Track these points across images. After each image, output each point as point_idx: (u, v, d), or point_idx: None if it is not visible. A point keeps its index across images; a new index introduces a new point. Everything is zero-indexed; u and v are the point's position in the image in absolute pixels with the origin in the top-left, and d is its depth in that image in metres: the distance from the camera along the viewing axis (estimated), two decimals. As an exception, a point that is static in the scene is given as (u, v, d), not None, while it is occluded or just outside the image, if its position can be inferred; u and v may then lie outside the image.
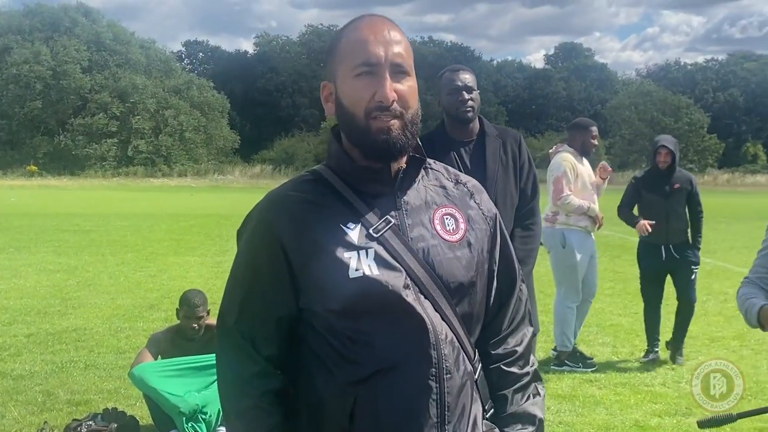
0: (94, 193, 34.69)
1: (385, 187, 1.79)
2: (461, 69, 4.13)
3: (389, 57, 1.72)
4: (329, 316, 1.70)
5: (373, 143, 1.72)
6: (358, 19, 1.81)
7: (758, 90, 73.99)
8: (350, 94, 1.73)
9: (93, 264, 12.71)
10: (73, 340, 7.59)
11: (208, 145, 55.16)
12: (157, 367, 4.76)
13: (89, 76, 51.61)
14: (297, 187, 1.82)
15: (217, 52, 79.56)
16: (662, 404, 5.78)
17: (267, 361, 1.77)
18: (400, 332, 1.68)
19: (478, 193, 1.94)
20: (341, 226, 1.73)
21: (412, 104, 1.75)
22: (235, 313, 1.79)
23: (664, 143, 6.95)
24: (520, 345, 1.93)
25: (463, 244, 1.82)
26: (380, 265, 1.70)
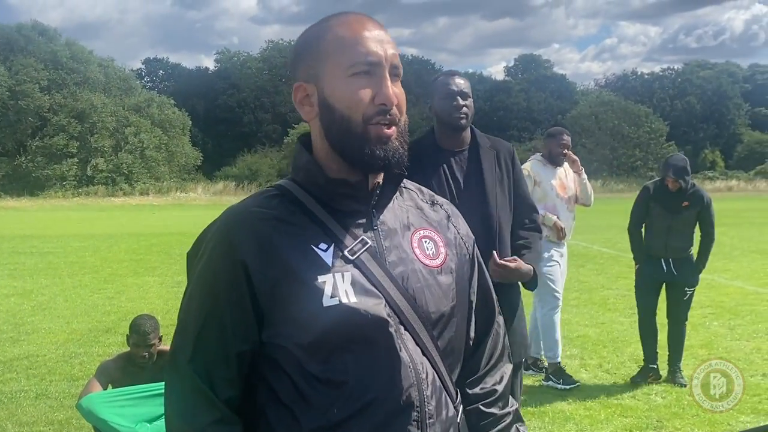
0: (53, 214, 34.04)
1: (360, 205, 1.58)
2: (456, 74, 3.92)
3: (389, 57, 1.53)
4: (297, 352, 1.47)
5: (371, 153, 1.51)
6: (343, 14, 1.59)
7: (714, 98, 75.19)
8: (345, 96, 1.51)
9: (49, 287, 12.35)
10: (24, 368, 7.30)
11: (169, 163, 54.55)
12: (106, 397, 4.51)
13: (48, 95, 50.87)
14: (261, 203, 1.58)
15: (177, 69, 79.08)
16: (633, 418, 5.66)
17: (226, 406, 1.51)
18: (378, 370, 1.47)
19: (455, 217, 1.77)
20: (312, 247, 1.51)
21: (404, 111, 1.58)
22: (189, 349, 1.53)
23: (670, 173, 6.45)
24: (499, 383, 1.78)
25: (445, 269, 1.63)
26: (358, 291, 1.48)
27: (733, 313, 9.39)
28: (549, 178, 6.61)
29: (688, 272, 6.63)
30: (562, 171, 6.74)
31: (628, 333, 8.45)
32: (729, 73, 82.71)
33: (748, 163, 63.52)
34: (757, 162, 62.52)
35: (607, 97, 66.81)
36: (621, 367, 7.09)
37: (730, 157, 68.23)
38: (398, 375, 1.48)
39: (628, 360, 7.36)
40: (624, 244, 6.86)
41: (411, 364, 1.50)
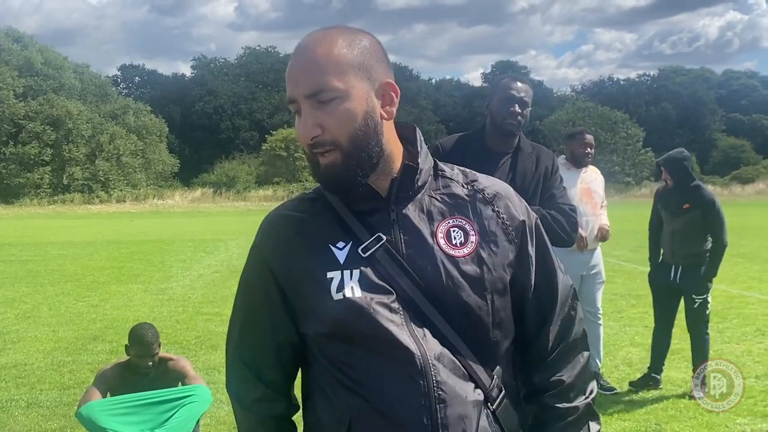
0: (29, 221, 33.66)
1: (378, 203, 1.65)
2: (521, 80, 3.92)
3: (301, 89, 1.56)
4: (320, 340, 1.63)
5: (320, 180, 1.63)
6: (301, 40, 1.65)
7: (689, 103, 75.97)
8: (295, 132, 1.66)
9: (31, 295, 12.18)
10: (13, 377, 7.18)
11: (146, 170, 54.21)
12: (106, 405, 4.45)
13: (23, 102, 50.35)
14: (294, 207, 1.73)
15: (153, 75, 78.75)
16: (631, 422, 5.66)
17: (269, 388, 1.71)
18: (387, 359, 1.56)
19: (501, 199, 1.72)
20: (330, 246, 1.63)
21: (347, 128, 1.56)
22: (236, 338, 1.76)
23: (660, 162, 6.43)
24: (569, 373, 1.73)
25: (472, 258, 1.63)
26: (364, 286, 1.58)
27: (720, 317, 9.45)
28: (572, 183, 6.19)
29: (693, 280, 6.36)
30: (588, 174, 6.45)
31: (618, 337, 8.48)
32: (703, 79, 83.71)
33: (723, 168, 64.20)
34: (732, 167, 63.23)
35: (584, 103, 67.28)
36: (614, 371, 7.10)
37: (705, 162, 68.86)
38: (404, 364, 1.55)
39: (621, 363, 7.37)
40: (604, 249, 6.79)
41: (419, 353, 1.55)
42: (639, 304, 10.15)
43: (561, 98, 79.52)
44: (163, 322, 9.46)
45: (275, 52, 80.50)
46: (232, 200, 48.34)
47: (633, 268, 13.62)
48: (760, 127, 76.23)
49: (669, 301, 6.63)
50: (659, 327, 6.70)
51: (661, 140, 67.97)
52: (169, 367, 4.79)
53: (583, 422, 1.75)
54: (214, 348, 8.16)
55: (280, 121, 63.64)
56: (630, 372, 7.05)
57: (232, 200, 48.34)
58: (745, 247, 18.20)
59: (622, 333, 8.72)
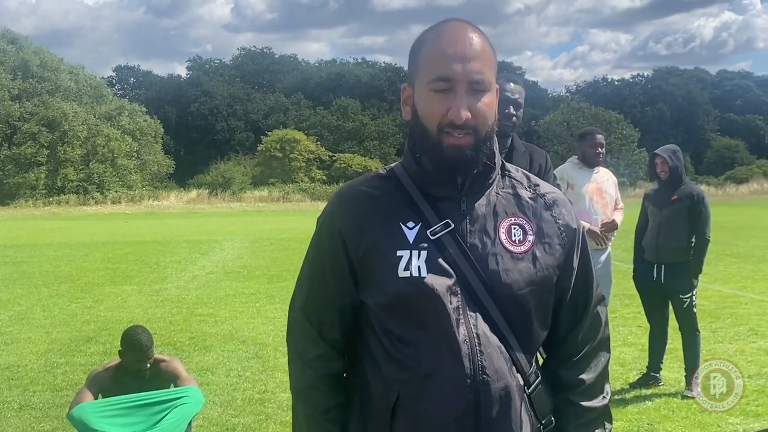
0: (24, 223, 33.60)
1: (452, 191, 1.77)
2: (515, 81, 3.91)
3: (467, 74, 1.67)
4: (379, 312, 1.73)
5: (444, 159, 1.70)
6: (444, 24, 1.77)
7: (684, 104, 76.06)
8: (425, 106, 1.72)
9: (25, 297, 12.17)
10: (6, 378, 7.17)
11: (141, 171, 54.10)
12: (98, 407, 4.44)
13: (18, 103, 50.25)
14: (368, 183, 1.84)
15: (149, 76, 78.66)
16: (624, 421, 5.67)
17: (329, 346, 1.83)
18: (440, 338, 1.68)
19: (559, 206, 1.87)
20: (401, 224, 1.74)
21: (488, 120, 1.72)
22: (303, 297, 1.86)
23: (656, 151, 6.50)
24: (592, 374, 1.88)
25: (528, 256, 1.77)
26: (430, 267, 1.69)
27: (713, 317, 9.48)
28: (584, 182, 6.30)
29: (678, 279, 6.37)
30: (600, 175, 6.46)
31: (611, 337, 8.44)
32: (698, 79, 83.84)
33: (717, 168, 64.31)
34: (726, 167, 63.34)
35: (579, 104, 67.34)
36: (608, 371, 7.10)
37: (699, 163, 68.98)
38: (455, 344, 1.67)
39: (614, 364, 7.36)
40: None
41: (468, 338, 1.68)
42: (632, 304, 10.13)
43: (556, 99, 79.56)
44: (157, 324, 9.45)
45: (271, 53, 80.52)
46: (227, 201, 48.28)
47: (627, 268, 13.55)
48: (754, 128, 76.36)
49: (656, 301, 6.65)
50: (653, 327, 6.72)
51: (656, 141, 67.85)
52: (162, 368, 4.78)
53: (601, 422, 1.90)
54: (208, 349, 8.16)
55: (275, 122, 63.63)
56: (623, 372, 7.06)
57: (227, 201, 48.28)
58: (739, 247, 18.25)
59: (615, 333, 8.72)
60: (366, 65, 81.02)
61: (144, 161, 54.40)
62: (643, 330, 7.64)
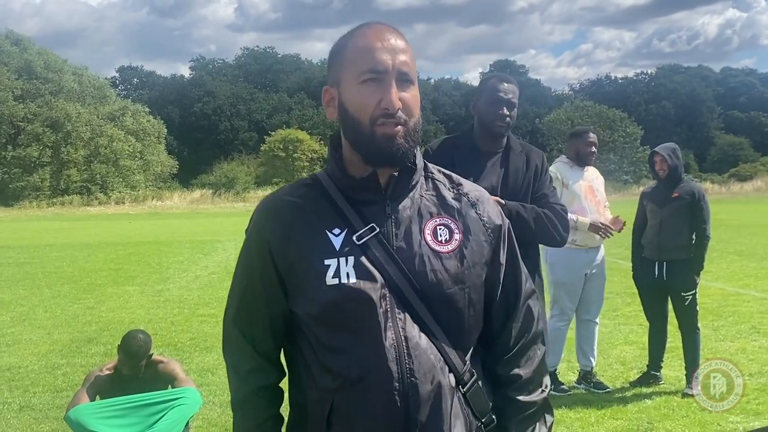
0: (29, 224, 33.65)
1: (375, 195, 1.78)
2: (508, 80, 3.86)
3: (396, 65, 1.72)
4: (310, 322, 1.75)
5: (378, 150, 1.71)
6: (365, 25, 1.80)
7: (687, 101, 75.97)
8: (355, 100, 1.73)
9: (28, 298, 12.18)
10: (7, 380, 7.17)
11: (145, 172, 54.17)
12: (95, 409, 4.44)
13: (22, 104, 50.34)
14: (292, 192, 1.85)
15: (152, 77, 78.77)
16: (624, 420, 5.66)
17: (263, 358, 1.85)
18: (368, 344, 1.69)
19: (483, 204, 1.89)
20: (326, 232, 1.76)
21: (415, 113, 1.75)
22: (234, 310, 1.88)
23: (655, 149, 6.49)
24: (526, 368, 1.90)
25: (455, 255, 1.78)
26: (358, 273, 1.71)
27: (715, 315, 9.45)
28: (576, 180, 6.30)
29: (680, 276, 6.35)
30: (589, 174, 6.45)
31: (612, 336, 8.48)
32: (702, 76, 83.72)
33: (721, 166, 64.21)
34: (730, 164, 63.22)
35: (582, 102, 67.26)
36: (608, 370, 7.09)
37: (703, 160, 68.93)
38: (382, 350, 1.68)
39: (614, 362, 7.37)
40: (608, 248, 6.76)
41: (396, 341, 1.69)
42: (634, 302, 10.08)
43: (559, 97, 79.55)
44: (159, 324, 9.46)
45: (274, 53, 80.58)
46: (231, 201, 48.31)
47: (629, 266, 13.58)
48: (758, 125, 76.27)
49: (656, 299, 6.62)
50: (653, 325, 6.70)
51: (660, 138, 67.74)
52: (159, 369, 4.78)
53: (540, 415, 1.90)
54: (209, 350, 8.15)
55: (278, 122, 63.67)
56: (624, 371, 7.05)
57: (231, 201, 48.31)
58: (742, 245, 18.21)
59: (616, 331, 8.72)
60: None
61: (147, 161, 54.46)
62: (643, 328, 7.60)
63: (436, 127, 69.65)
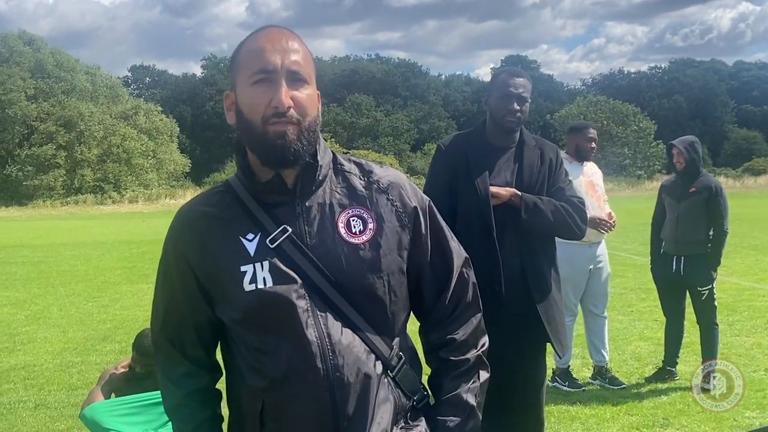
0: (43, 223, 33.84)
1: (284, 196, 1.80)
2: (520, 75, 3.81)
3: (285, 64, 1.72)
4: (234, 326, 1.78)
5: (270, 149, 1.72)
6: (259, 30, 1.82)
7: (701, 95, 75.58)
8: (248, 101, 1.74)
9: (42, 296, 12.25)
10: (22, 378, 7.22)
11: (158, 170, 54.38)
12: (109, 406, 4.44)
13: (35, 104, 50.60)
14: (205, 200, 1.87)
15: (164, 76, 78.94)
16: (639, 416, 5.63)
17: (193, 363, 1.89)
18: (292, 343, 1.72)
19: (394, 188, 1.88)
20: (240, 238, 1.77)
21: (309, 112, 1.74)
22: (160, 320, 1.90)
23: (672, 142, 6.41)
24: (460, 331, 1.91)
25: (371, 245, 1.80)
26: (275, 276, 1.73)
27: (731, 309, 9.39)
28: (576, 176, 6.13)
29: (697, 271, 6.28)
30: (588, 168, 6.42)
31: (627, 331, 8.44)
32: (715, 70, 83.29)
33: (735, 160, 63.87)
34: (744, 158, 62.86)
35: (595, 97, 66.96)
36: (623, 365, 7.05)
37: (717, 155, 68.55)
38: (307, 348, 1.71)
39: (629, 358, 7.33)
40: (615, 243, 6.69)
41: (319, 338, 1.71)
42: (649, 298, 10.07)
43: (572, 92, 79.28)
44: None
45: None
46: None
47: (643, 261, 13.52)
48: (772, 118, 75.73)
49: (674, 294, 6.57)
50: (669, 320, 6.65)
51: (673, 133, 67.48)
52: (174, 367, 4.78)
53: (474, 371, 1.91)
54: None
55: (290, 120, 63.69)
56: (638, 366, 7.01)
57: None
58: (757, 239, 18.10)
59: (631, 327, 8.67)
60: (380, 61, 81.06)
61: (160, 160, 54.67)
62: (659, 324, 7.57)
63: (447, 123, 69.59)
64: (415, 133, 68.54)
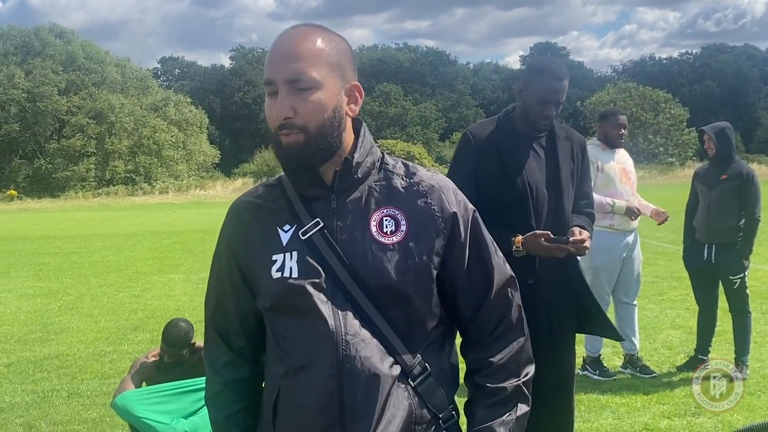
0: (75, 214, 34.23)
1: (322, 190, 1.81)
2: (562, 77, 3.62)
3: (282, 74, 1.72)
4: (267, 314, 1.83)
5: (281, 157, 1.78)
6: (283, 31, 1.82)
7: (734, 81, 74.51)
8: (265, 111, 1.78)
9: (75, 286, 12.40)
10: (56, 367, 7.31)
11: (188, 161, 54.74)
12: (141, 395, 4.49)
13: (66, 97, 51.10)
14: (254, 192, 1.93)
15: (193, 67, 79.34)
16: (670, 405, 5.58)
17: (236, 353, 1.92)
18: (308, 333, 1.74)
19: (435, 192, 1.84)
20: (278, 228, 1.82)
21: (317, 117, 1.73)
22: (210, 309, 1.97)
23: (703, 128, 6.33)
24: (499, 355, 1.85)
25: (400, 246, 1.77)
26: (300, 267, 1.76)
27: (764, 298, 9.27)
28: (609, 162, 6.22)
29: (728, 259, 6.22)
30: (621, 155, 6.36)
31: (658, 320, 8.37)
32: (747, 56, 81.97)
33: (768, 147, 62.89)
34: (777, 145, 61.89)
35: (625, 84, 66.21)
36: (654, 354, 6.99)
37: (750, 141, 67.61)
38: (324, 338, 1.72)
39: (660, 347, 7.27)
40: (646, 231, 6.60)
41: (334, 329, 1.72)
42: (680, 286, 9.98)
43: (601, 79, 78.56)
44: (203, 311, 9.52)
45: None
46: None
47: (675, 249, 13.37)
48: (806, 104, 74.56)
49: (706, 283, 6.50)
50: (702, 309, 6.59)
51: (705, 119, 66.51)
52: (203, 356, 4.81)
53: (512, 402, 1.83)
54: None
55: (318, 110, 63.80)
56: (670, 355, 6.95)
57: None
58: (791, 227, 17.81)
59: (662, 316, 8.60)
60: (408, 50, 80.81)
61: (190, 151, 55.02)
62: (691, 313, 7.49)
63: (475, 111, 69.31)
64: (443, 122, 68.34)
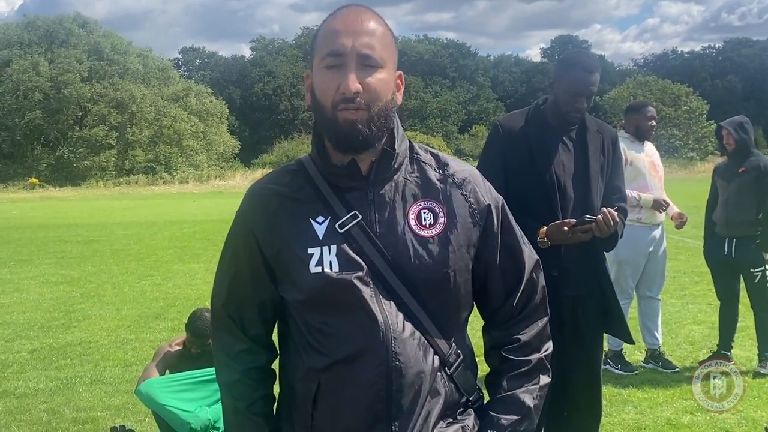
0: (96, 203, 34.48)
1: (357, 182, 1.78)
2: (594, 70, 3.58)
3: (356, 48, 1.69)
4: (297, 306, 1.78)
5: (338, 134, 1.71)
6: (338, 9, 1.78)
7: (756, 75, 73.83)
8: (319, 85, 1.73)
9: (96, 274, 12.50)
10: (78, 354, 7.38)
11: (208, 151, 54.97)
12: (164, 383, 4.51)
13: (89, 85, 51.44)
14: (276, 179, 1.87)
15: (213, 57, 79.58)
16: (693, 400, 5.54)
17: (252, 341, 1.88)
18: (355, 327, 1.72)
19: (470, 184, 1.86)
20: (310, 220, 1.78)
21: (381, 97, 1.72)
22: (223, 296, 1.90)
23: (721, 123, 6.33)
24: (525, 333, 1.90)
25: (440, 239, 1.78)
26: (341, 261, 1.73)
27: (787, 294, 9.18)
28: (639, 155, 6.19)
29: (748, 253, 6.19)
30: (649, 148, 6.31)
31: (680, 314, 8.32)
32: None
33: (791, 142, 62.23)
34: (800, 140, 61.26)
35: (645, 77, 65.75)
36: (676, 349, 6.96)
37: (772, 136, 66.89)
38: (370, 333, 1.70)
39: (683, 342, 7.23)
40: (667, 226, 6.55)
41: (384, 324, 1.71)
42: (702, 281, 9.91)
43: (623, 73, 78.03)
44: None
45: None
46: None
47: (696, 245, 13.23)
48: (831, 99, 73.74)
49: (727, 277, 6.46)
50: (724, 304, 6.54)
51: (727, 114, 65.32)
52: (227, 344, 4.82)
53: (535, 374, 1.88)
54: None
55: (338, 101, 63.87)
56: (692, 350, 6.91)
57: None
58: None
59: (684, 311, 8.55)
60: (428, 42, 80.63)
61: (210, 141, 55.24)
62: (713, 308, 7.44)
63: (495, 104, 69.10)
64: (463, 115, 68.20)
